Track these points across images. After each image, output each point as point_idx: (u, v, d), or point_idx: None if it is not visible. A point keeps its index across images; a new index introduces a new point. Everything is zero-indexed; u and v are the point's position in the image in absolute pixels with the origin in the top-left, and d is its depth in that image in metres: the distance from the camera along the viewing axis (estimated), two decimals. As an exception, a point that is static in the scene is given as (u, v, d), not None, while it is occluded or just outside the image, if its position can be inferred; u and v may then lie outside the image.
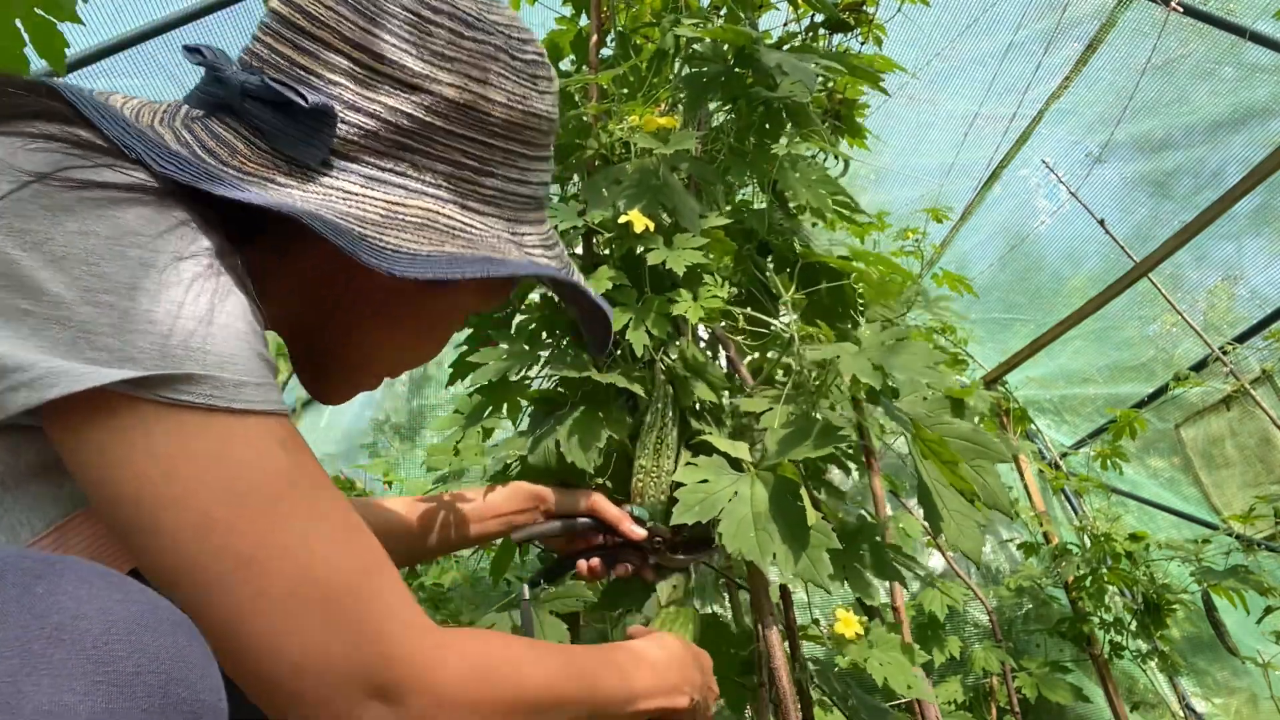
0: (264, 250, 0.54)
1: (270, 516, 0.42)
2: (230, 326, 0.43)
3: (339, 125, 0.50)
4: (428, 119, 0.53)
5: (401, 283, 0.56)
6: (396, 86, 0.52)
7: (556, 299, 0.87)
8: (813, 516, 0.81)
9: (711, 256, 1.16)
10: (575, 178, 1.34)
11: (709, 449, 0.96)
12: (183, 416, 0.41)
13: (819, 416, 0.93)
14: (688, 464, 0.92)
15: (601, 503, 0.95)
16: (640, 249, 1.07)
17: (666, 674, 0.66)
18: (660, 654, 0.68)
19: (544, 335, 1.26)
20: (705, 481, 0.87)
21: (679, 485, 0.88)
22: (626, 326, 1.01)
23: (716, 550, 0.91)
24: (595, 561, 0.92)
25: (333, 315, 0.59)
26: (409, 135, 0.52)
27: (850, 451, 1.10)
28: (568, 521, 0.94)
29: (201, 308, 0.42)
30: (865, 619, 1.05)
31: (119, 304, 0.40)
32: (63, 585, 0.31)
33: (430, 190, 0.54)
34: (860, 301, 1.19)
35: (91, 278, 0.40)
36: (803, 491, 0.82)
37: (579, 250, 1.29)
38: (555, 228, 0.77)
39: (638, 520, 0.94)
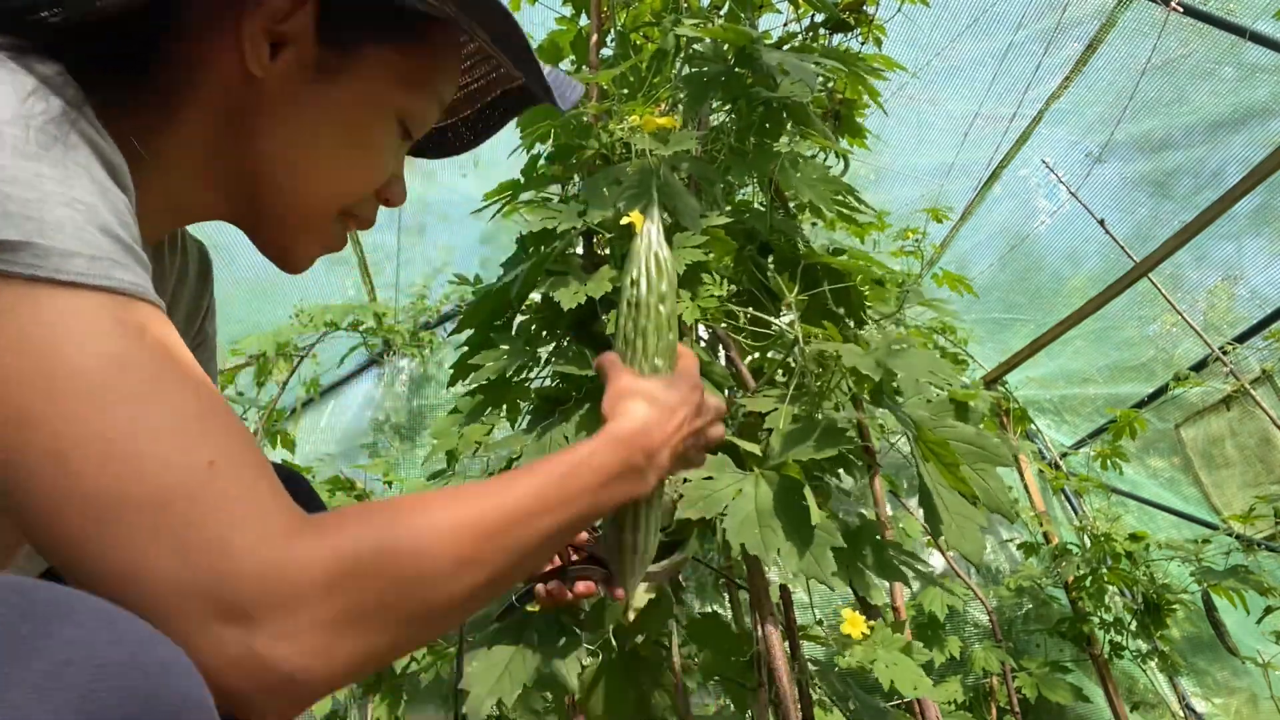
0: (151, 118, 0.50)
1: (91, 406, 0.35)
2: (67, 195, 0.37)
3: None
4: None
5: (297, 89, 0.51)
6: None
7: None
8: (817, 515, 0.81)
9: (712, 255, 1.16)
10: (576, 178, 1.34)
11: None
12: (11, 291, 0.35)
13: (822, 417, 0.93)
14: None
15: None
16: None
17: (614, 468, 0.54)
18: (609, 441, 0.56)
19: (544, 334, 1.26)
20: (710, 479, 0.87)
21: (684, 481, 0.87)
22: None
23: (685, 559, 0.82)
24: (553, 584, 0.78)
25: (254, 170, 0.54)
26: None
27: (853, 453, 1.10)
28: None
29: (27, 171, 0.37)
30: (867, 620, 1.05)
31: None
32: (50, 627, 0.29)
33: None
34: (866, 304, 1.19)
35: None
36: (807, 491, 0.82)
37: (579, 250, 1.29)
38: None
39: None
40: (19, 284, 0.35)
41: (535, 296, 1.26)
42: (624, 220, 1.02)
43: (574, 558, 0.80)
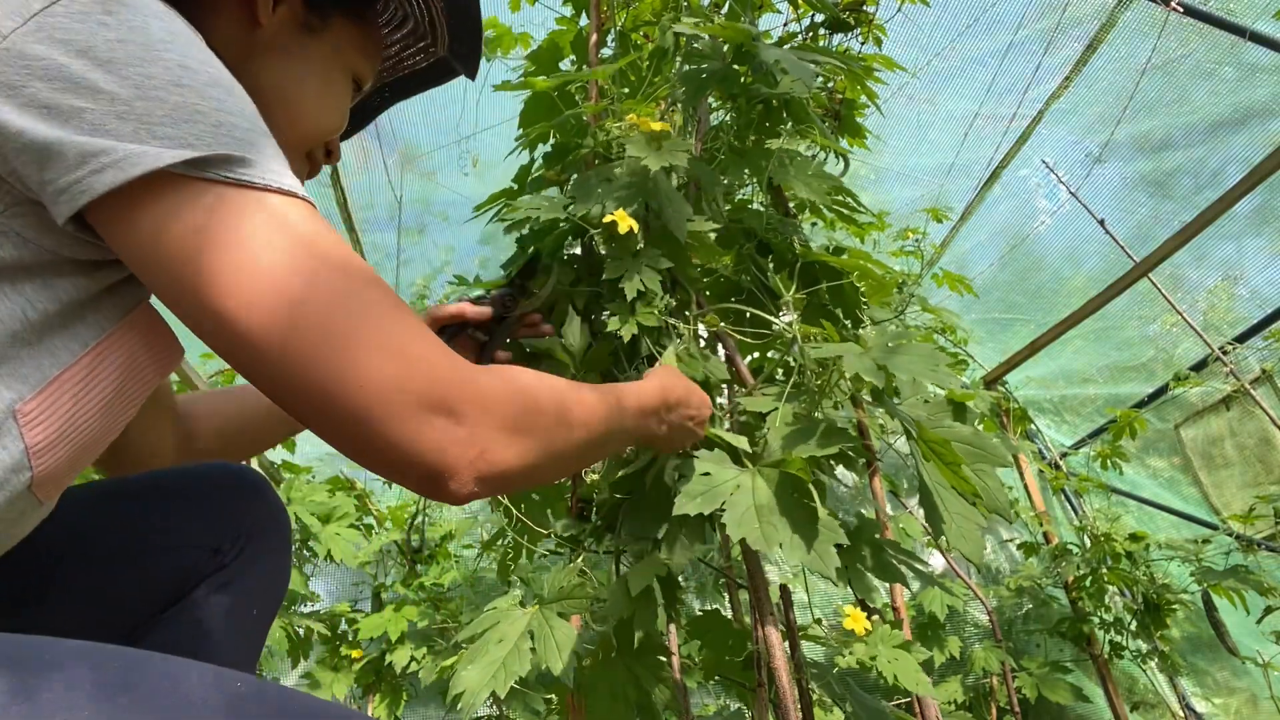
0: None
1: (326, 268, 0.47)
2: (261, 125, 0.50)
3: None
4: None
5: (288, 40, 0.66)
6: None
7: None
8: (822, 511, 0.80)
9: (699, 265, 1.16)
10: (574, 177, 1.34)
11: (709, 444, 0.96)
12: (243, 191, 0.47)
13: (821, 416, 0.93)
14: (692, 455, 0.92)
15: (439, 312, 0.99)
16: (606, 259, 1.07)
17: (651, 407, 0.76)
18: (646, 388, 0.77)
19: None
20: (707, 475, 0.87)
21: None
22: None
23: (551, 279, 1.03)
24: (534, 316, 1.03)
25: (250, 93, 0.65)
26: None
27: (853, 449, 1.10)
28: None
29: (238, 105, 0.49)
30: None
31: (169, 98, 0.46)
32: (42, 707, 0.31)
33: None
34: (863, 302, 1.19)
35: (141, 77, 0.46)
36: (811, 489, 0.81)
37: (578, 251, 1.29)
38: None
39: (479, 301, 1.00)
40: (257, 191, 0.47)
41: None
42: (606, 218, 1.01)
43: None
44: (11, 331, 0.47)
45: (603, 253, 1.21)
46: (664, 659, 1.07)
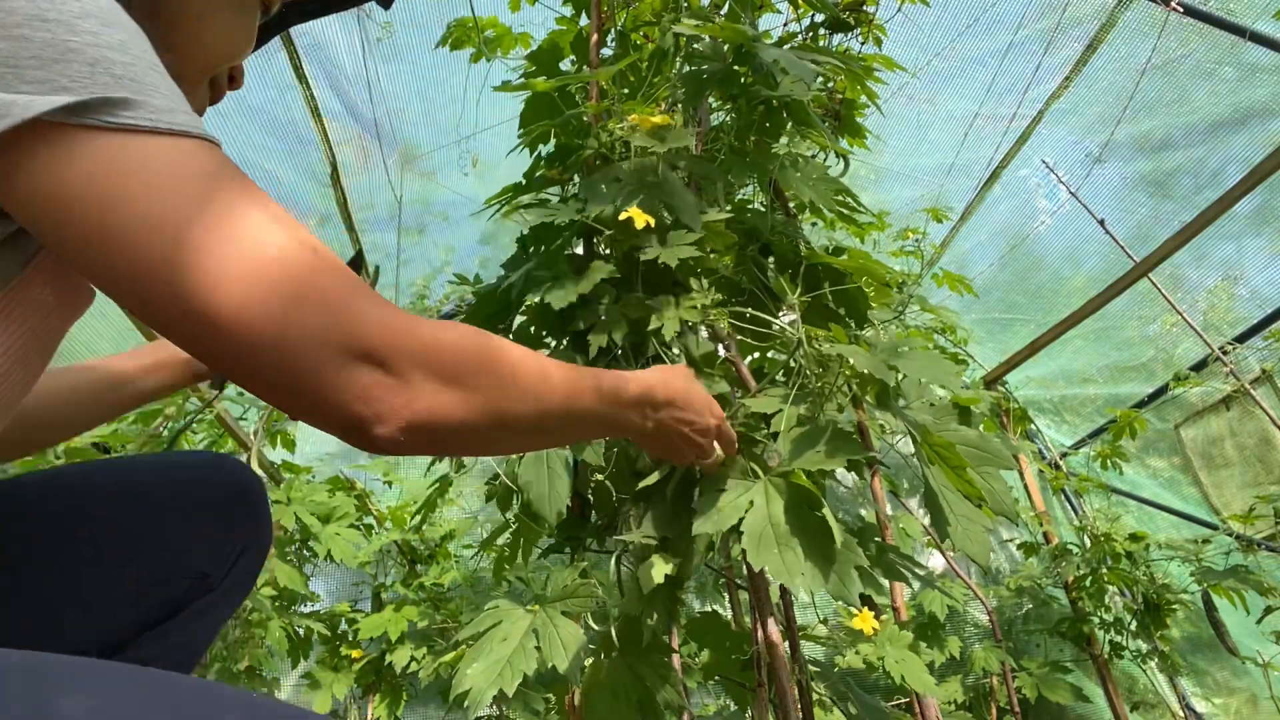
0: None
1: (226, 210, 0.44)
2: (146, 56, 0.46)
3: None
4: None
5: None
6: None
7: None
8: (838, 532, 0.79)
9: (714, 254, 1.16)
10: (575, 178, 1.34)
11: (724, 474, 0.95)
12: (126, 137, 0.43)
13: (826, 420, 0.93)
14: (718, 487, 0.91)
15: None
16: (639, 248, 1.07)
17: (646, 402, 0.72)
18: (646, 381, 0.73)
19: (543, 334, 1.26)
20: (721, 490, 0.86)
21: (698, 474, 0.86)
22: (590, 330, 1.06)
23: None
24: None
25: (160, 32, 0.60)
26: None
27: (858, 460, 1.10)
28: None
29: (116, 37, 0.44)
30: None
31: (34, 35, 0.42)
32: None
33: None
34: (870, 304, 1.19)
35: (2, 13, 0.41)
36: (826, 511, 0.81)
37: (579, 250, 1.29)
38: None
39: None
40: (143, 134, 0.43)
41: (535, 297, 1.26)
42: (621, 216, 1.02)
43: None
44: None
45: (605, 252, 1.21)
46: (666, 658, 1.07)
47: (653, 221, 1.03)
